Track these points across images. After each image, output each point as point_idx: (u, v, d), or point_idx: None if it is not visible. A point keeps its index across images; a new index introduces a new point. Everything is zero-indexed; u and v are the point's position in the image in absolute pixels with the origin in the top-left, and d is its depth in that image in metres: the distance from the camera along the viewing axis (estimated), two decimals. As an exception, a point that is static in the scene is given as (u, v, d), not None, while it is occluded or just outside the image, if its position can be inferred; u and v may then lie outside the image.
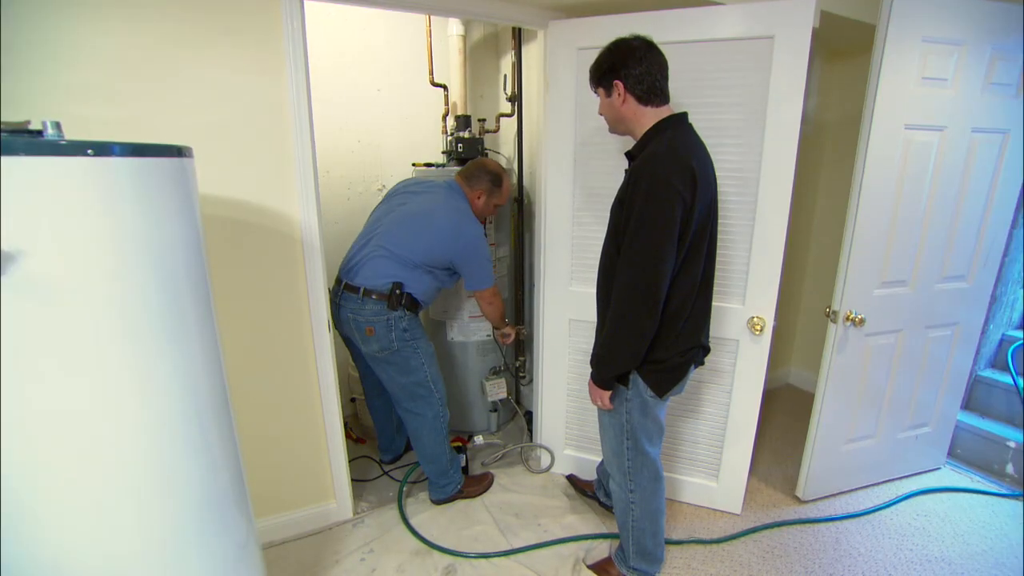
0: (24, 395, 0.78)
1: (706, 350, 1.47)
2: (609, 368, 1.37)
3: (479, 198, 1.89)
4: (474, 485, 2.10)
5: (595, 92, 1.41)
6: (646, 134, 1.34)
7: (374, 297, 1.74)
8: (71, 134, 0.88)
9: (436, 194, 1.86)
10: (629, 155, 1.39)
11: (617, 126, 1.41)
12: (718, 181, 1.66)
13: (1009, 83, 1.78)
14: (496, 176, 1.90)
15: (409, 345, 1.81)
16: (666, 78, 1.33)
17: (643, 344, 1.31)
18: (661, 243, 1.23)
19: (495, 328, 2.24)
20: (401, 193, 1.91)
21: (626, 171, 1.34)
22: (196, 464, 1.01)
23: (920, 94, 1.69)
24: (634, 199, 1.25)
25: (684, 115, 1.36)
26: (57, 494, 0.84)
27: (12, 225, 0.72)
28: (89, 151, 0.77)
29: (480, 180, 1.89)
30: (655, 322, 1.29)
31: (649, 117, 1.33)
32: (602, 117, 1.43)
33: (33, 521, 0.84)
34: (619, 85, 1.32)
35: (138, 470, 0.91)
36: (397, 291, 1.75)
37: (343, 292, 1.79)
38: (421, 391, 1.88)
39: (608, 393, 1.42)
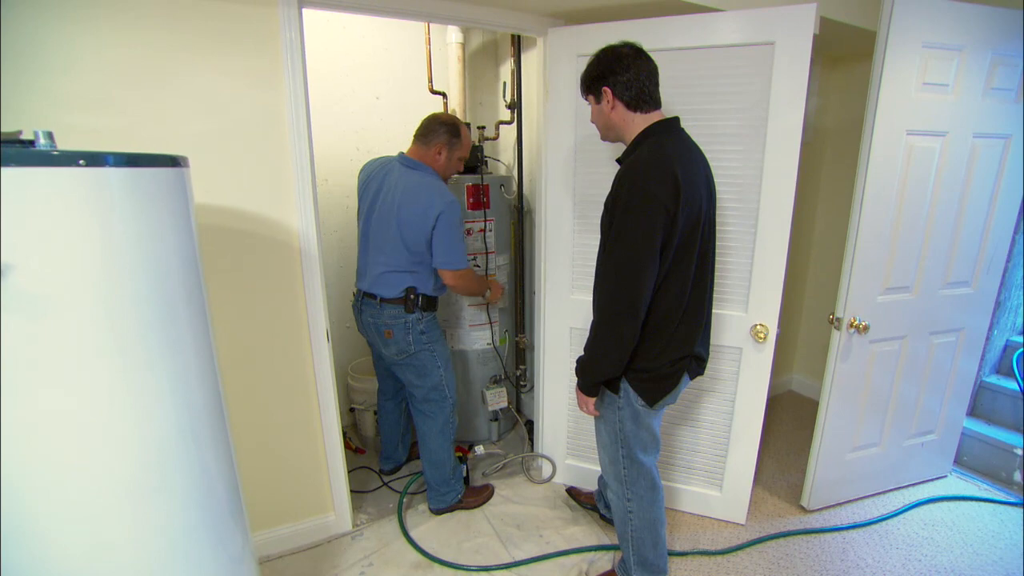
0: (12, 410, 0.76)
1: (700, 360, 1.44)
2: (591, 375, 1.37)
3: (439, 154, 1.77)
4: (474, 496, 2.08)
5: (586, 100, 1.41)
6: (634, 140, 1.34)
7: (391, 303, 1.77)
8: (65, 144, 0.87)
9: (393, 181, 1.74)
10: (619, 161, 1.38)
11: (608, 133, 1.41)
12: (718, 188, 1.64)
13: (1010, 88, 1.78)
14: (452, 126, 1.77)
15: (426, 348, 1.82)
16: (656, 84, 1.32)
17: (624, 352, 1.30)
18: (641, 251, 1.22)
19: (479, 297, 2.06)
20: (370, 195, 1.79)
21: None
22: (191, 477, 0.99)
23: (921, 100, 1.68)
24: (616, 207, 1.25)
25: (675, 120, 1.35)
26: (49, 507, 0.82)
27: (3, 237, 0.70)
28: (81, 161, 0.76)
29: (435, 134, 1.75)
30: (636, 330, 1.28)
31: (638, 123, 1.33)
32: (594, 124, 1.43)
33: (22, 535, 0.81)
34: (608, 92, 1.31)
35: (131, 484, 0.89)
36: (411, 295, 1.76)
37: (363, 298, 1.84)
38: (434, 395, 1.89)
39: (592, 400, 1.42)
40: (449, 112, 2.46)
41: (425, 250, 1.73)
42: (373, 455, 2.40)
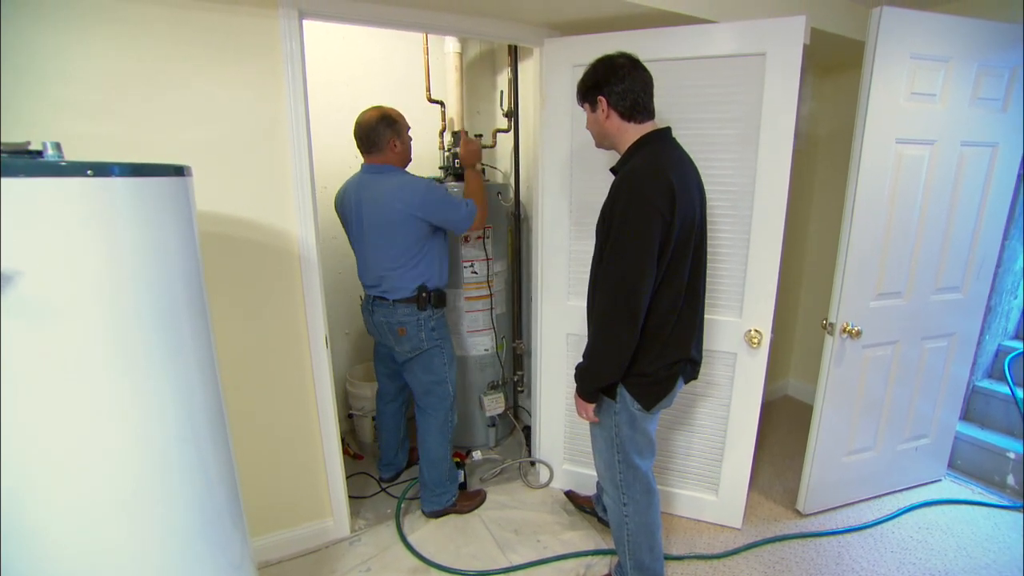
0: (16, 415, 0.77)
1: (695, 363, 1.46)
2: (591, 381, 1.38)
3: (395, 148, 1.81)
4: (467, 500, 2.09)
5: (581, 107, 1.44)
6: (628, 149, 1.36)
7: (404, 302, 1.83)
8: (67, 151, 0.88)
9: (369, 191, 1.79)
10: (613, 171, 1.41)
11: (602, 141, 1.44)
12: (711, 195, 1.66)
13: (996, 98, 1.81)
14: (385, 118, 1.79)
15: (436, 345, 1.90)
16: (650, 95, 1.35)
17: (624, 357, 1.32)
18: (640, 257, 1.24)
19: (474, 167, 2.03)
20: (352, 212, 1.85)
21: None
22: (191, 483, 1.00)
23: (910, 109, 1.72)
24: (614, 214, 1.27)
25: (667, 130, 1.38)
26: (50, 510, 0.83)
27: (11, 246, 0.72)
28: (89, 172, 0.77)
29: (381, 136, 1.78)
30: (635, 335, 1.30)
31: (632, 133, 1.36)
32: (589, 131, 1.46)
33: (23, 538, 0.83)
34: (603, 101, 1.34)
35: (132, 490, 0.90)
36: (423, 293, 1.81)
37: (374, 300, 1.89)
38: (438, 390, 1.93)
39: (592, 406, 1.43)
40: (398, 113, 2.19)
41: (426, 238, 1.79)
42: (371, 461, 2.40)
